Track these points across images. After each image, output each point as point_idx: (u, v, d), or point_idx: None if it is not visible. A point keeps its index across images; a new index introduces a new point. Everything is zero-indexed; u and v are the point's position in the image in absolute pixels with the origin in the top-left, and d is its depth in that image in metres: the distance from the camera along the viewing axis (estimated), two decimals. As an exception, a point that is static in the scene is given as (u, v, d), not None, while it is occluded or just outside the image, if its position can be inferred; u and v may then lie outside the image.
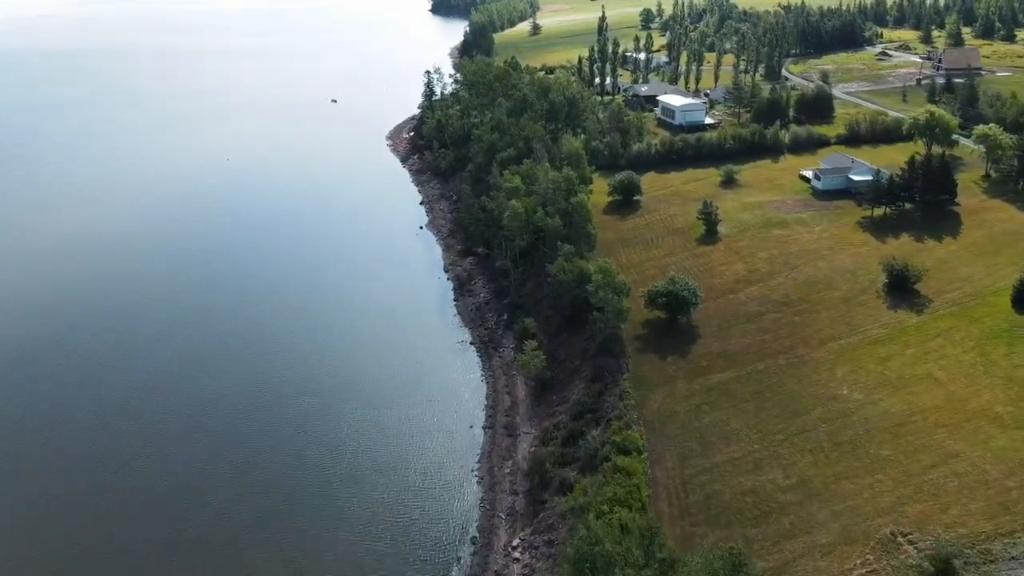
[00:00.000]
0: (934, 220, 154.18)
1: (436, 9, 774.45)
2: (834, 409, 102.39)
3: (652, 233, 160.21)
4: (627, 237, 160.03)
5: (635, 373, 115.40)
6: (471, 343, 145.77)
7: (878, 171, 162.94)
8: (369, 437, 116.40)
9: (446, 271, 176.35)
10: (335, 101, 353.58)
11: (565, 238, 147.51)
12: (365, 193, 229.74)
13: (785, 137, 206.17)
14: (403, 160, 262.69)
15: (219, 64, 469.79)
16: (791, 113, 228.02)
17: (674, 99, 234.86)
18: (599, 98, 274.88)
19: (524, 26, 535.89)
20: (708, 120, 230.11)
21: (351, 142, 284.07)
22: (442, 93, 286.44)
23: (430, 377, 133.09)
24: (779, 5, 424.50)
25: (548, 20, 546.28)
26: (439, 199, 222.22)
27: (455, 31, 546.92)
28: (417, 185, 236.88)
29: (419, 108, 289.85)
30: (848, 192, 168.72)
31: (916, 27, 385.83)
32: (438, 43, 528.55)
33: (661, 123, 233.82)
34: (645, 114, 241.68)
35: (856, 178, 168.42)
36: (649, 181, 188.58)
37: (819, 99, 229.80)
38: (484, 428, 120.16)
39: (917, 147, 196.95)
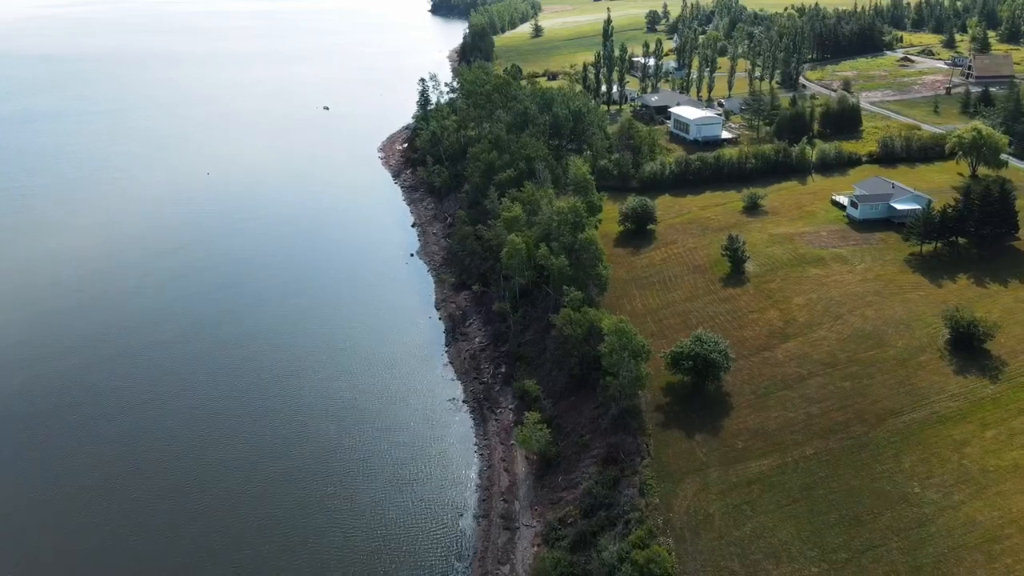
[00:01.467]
0: (994, 258, 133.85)
1: (436, 10, 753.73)
2: (907, 516, 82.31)
3: (670, 271, 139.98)
4: (641, 276, 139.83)
5: (657, 457, 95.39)
6: (463, 401, 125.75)
7: (929, 201, 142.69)
8: (339, 533, 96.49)
9: (438, 308, 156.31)
10: (327, 108, 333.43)
11: (572, 280, 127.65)
12: (352, 214, 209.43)
13: (812, 155, 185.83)
14: (395, 175, 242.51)
15: (211, 69, 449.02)
16: (815, 127, 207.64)
17: (688, 111, 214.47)
18: (605, 107, 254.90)
19: (525, 28, 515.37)
20: (725, 134, 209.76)
21: (341, 154, 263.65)
22: (438, 101, 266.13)
23: (416, 448, 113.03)
24: (792, 7, 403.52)
25: (550, 22, 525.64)
26: (432, 221, 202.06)
27: (455, 32, 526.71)
28: (409, 204, 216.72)
29: (413, 118, 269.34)
30: (890, 222, 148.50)
31: (936, 31, 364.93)
32: (437, 45, 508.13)
33: (674, 137, 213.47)
34: (656, 127, 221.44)
35: (899, 207, 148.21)
36: (664, 205, 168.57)
37: (845, 111, 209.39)
38: (477, 517, 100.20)
39: (960, 168, 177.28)
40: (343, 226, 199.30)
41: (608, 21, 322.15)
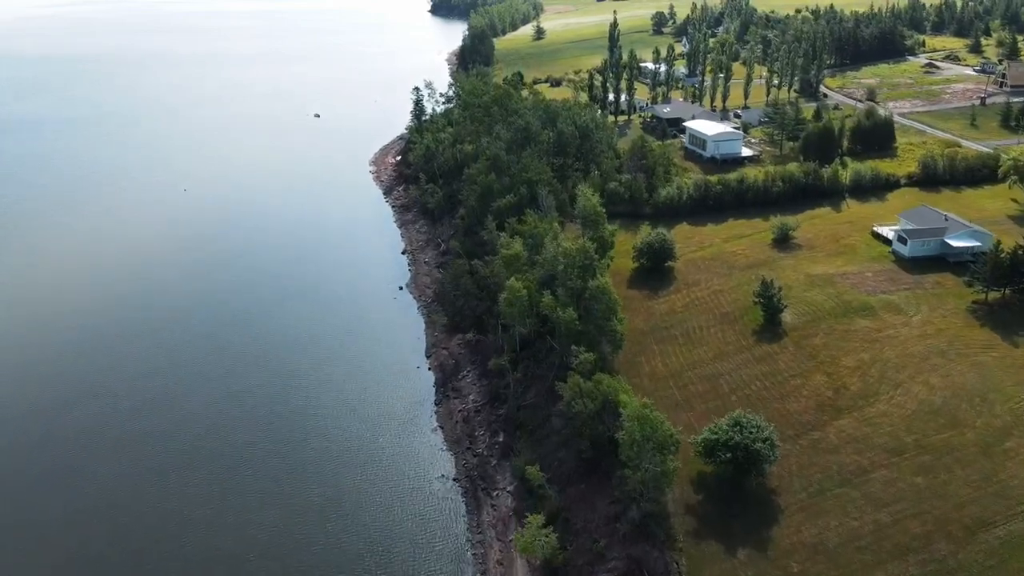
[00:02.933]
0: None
1: (436, 10, 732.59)
2: None
3: (694, 320, 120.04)
4: (661, 326, 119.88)
5: (692, 582, 75.79)
6: (454, 479, 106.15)
7: (995, 240, 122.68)
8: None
9: (428, 355, 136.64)
10: (318, 116, 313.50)
11: (581, 335, 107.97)
12: (338, 239, 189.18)
13: (845, 177, 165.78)
14: (387, 192, 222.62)
15: (205, 71, 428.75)
16: (844, 143, 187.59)
17: (705, 126, 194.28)
18: (613, 118, 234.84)
19: (527, 30, 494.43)
20: (746, 151, 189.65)
21: (329, 168, 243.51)
22: (433, 111, 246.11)
23: (397, 543, 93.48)
24: (806, 9, 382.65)
25: (552, 23, 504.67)
26: (425, 247, 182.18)
27: (454, 33, 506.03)
28: (400, 226, 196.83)
29: (407, 130, 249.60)
30: (944, 261, 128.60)
31: (958, 34, 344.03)
32: (436, 46, 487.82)
33: (688, 154, 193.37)
34: (669, 142, 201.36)
35: (956, 244, 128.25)
36: (682, 236, 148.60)
37: (877, 126, 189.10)
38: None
39: (1013, 193, 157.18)
40: (327, 253, 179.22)
41: (614, 24, 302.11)
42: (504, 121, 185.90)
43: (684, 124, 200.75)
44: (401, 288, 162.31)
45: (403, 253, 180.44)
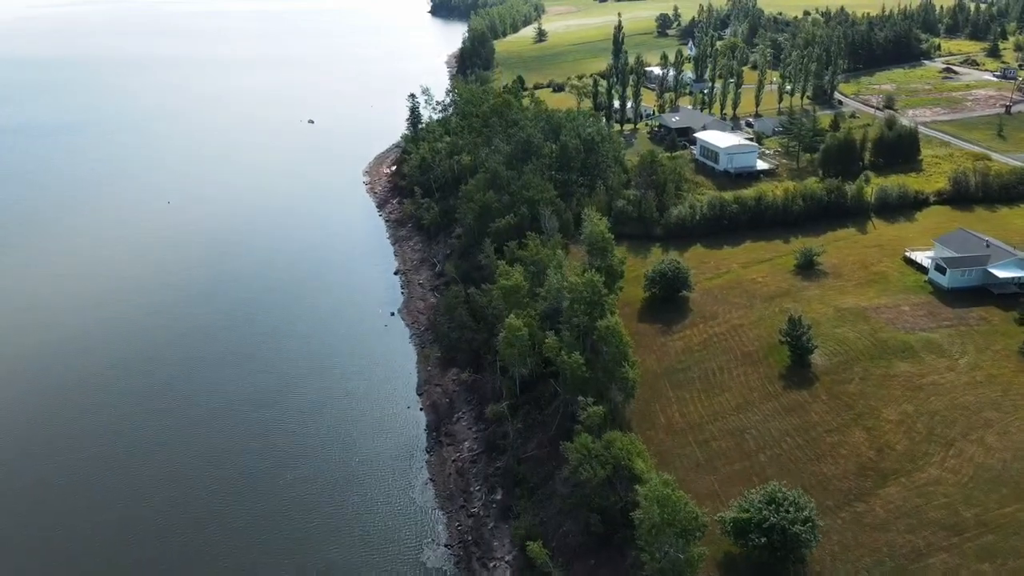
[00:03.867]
0: None
1: (436, 11, 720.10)
2: None
3: (713, 360, 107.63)
4: (676, 367, 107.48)
5: None
6: (446, 544, 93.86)
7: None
8: None
9: (420, 393, 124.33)
10: (312, 122, 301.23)
11: (588, 382, 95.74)
12: (329, 257, 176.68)
13: (870, 195, 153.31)
14: (380, 205, 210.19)
15: (199, 75, 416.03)
16: (866, 156, 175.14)
17: (717, 137, 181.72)
18: (618, 126, 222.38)
19: (528, 31, 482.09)
20: (761, 164, 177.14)
21: (321, 179, 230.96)
22: (430, 119, 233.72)
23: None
24: (815, 11, 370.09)
25: (554, 24, 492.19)
26: (419, 266, 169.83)
27: (454, 35, 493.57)
28: (394, 243, 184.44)
29: (402, 139, 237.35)
30: (987, 292, 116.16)
31: (973, 37, 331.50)
32: (435, 49, 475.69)
33: (700, 167, 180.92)
34: (679, 153, 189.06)
35: (1001, 274, 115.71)
36: (696, 260, 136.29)
37: (902, 138, 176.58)
38: None
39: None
40: (315, 275, 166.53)
41: (619, 28, 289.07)
42: (504, 132, 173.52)
43: (695, 135, 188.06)
44: (393, 314, 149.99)
45: (396, 273, 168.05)
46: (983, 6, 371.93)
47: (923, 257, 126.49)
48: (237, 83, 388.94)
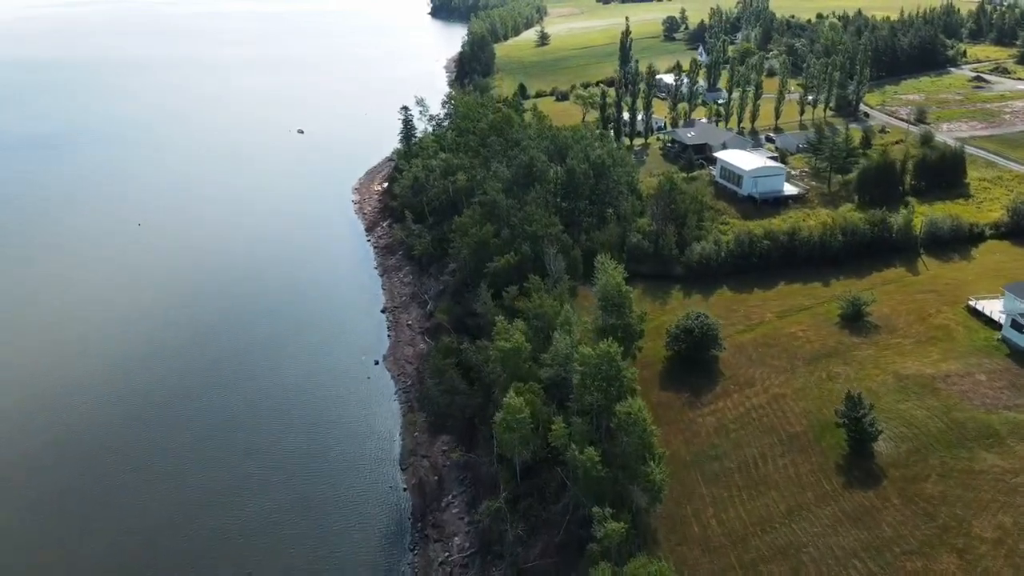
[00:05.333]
0: None
1: (436, 13, 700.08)
2: None
3: (753, 443, 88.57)
4: (709, 453, 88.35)
5: None
6: None
7: None
8: None
9: (404, 467, 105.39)
10: (301, 132, 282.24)
11: (604, 482, 76.85)
12: (307, 290, 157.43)
13: (918, 227, 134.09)
14: (369, 228, 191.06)
15: (192, 80, 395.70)
16: (907, 180, 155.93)
17: (739, 158, 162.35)
18: (628, 141, 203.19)
19: (530, 34, 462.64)
20: (789, 189, 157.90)
21: (307, 197, 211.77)
22: (425, 132, 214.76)
23: None
24: (832, 15, 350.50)
25: (557, 27, 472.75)
26: (409, 303, 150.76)
27: (454, 37, 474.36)
28: (382, 273, 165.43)
29: (393, 154, 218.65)
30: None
31: (999, 42, 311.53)
32: (434, 52, 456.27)
33: (720, 191, 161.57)
34: (697, 174, 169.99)
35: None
36: (723, 307, 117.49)
37: (946, 159, 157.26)
38: None
39: None
40: (293, 312, 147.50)
41: (626, 33, 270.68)
42: (504, 153, 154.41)
43: (715, 155, 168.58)
44: (377, 362, 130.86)
45: (383, 311, 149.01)
46: (999, 7, 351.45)
47: (993, 309, 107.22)
48: (228, 88, 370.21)
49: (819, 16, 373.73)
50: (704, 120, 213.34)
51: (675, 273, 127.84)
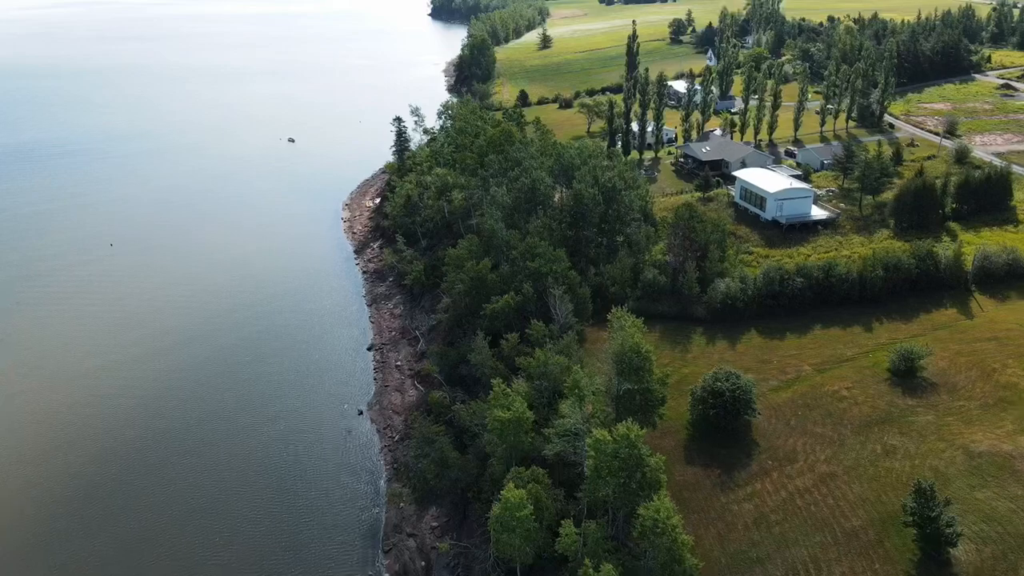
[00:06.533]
0: None
1: (436, 14, 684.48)
2: None
3: (801, 542, 72.88)
4: (747, 555, 72.61)
5: None
6: None
7: None
8: None
9: (385, 548, 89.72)
10: (292, 141, 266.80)
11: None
12: (290, 321, 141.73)
13: (969, 261, 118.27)
14: (359, 250, 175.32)
15: (187, 86, 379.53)
16: (948, 203, 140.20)
17: (761, 178, 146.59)
18: (637, 154, 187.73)
19: (532, 37, 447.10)
20: (817, 212, 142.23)
21: (293, 213, 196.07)
22: (421, 142, 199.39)
23: None
24: (847, 17, 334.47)
25: (559, 30, 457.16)
26: (399, 340, 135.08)
27: (454, 40, 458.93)
28: (371, 302, 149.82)
29: (386, 169, 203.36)
30: None
31: (1021, 47, 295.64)
32: (433, 56, 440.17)
33: (739, 213, 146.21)
34: (715, 193, 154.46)
35: None
36: (753, 356, 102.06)
37: (990, 180, 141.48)
38: None
39: None
40: (272, 349, 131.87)
41: (633, 37, 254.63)
42: (502, 174, 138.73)
43: (734, 175, 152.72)
44: (361, 412, 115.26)
45: (370, 349, 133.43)
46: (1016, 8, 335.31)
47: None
48: (218, 95, 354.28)
49: (830, 19, 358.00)
50: (718, 132, 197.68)
51: (696, 314, 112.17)
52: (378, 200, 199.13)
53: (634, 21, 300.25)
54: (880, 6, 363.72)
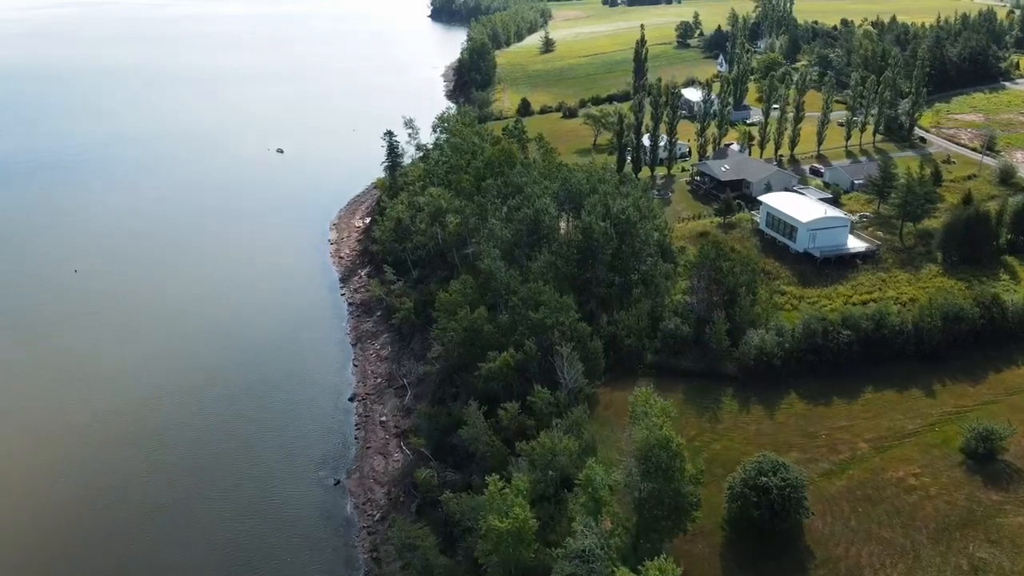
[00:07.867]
0: None
1: (436, 16, 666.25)
2: None
3: None
4: None
5: None
6: None
7: None
8: None
9: (359, 673, 73.66)
10: (281, 151, 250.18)
11: None
12: (264, 363, 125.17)
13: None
14: (345, 278, 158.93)
15: (177, 90, 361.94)
16: (1003, 234, 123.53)
17: (791, 204, 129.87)
18: (647, 171, 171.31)
19: (534, 40, 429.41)
20: (855, 243, 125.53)
21: (275, 236, 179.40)
22: (414, 157, 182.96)
23: None
24: (866, 21, 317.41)
25: (562, 32, 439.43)
26: (384, 389, 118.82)
27: (454, 42, 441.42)
28: (355, 342, 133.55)
29: (377, 186, 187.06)
30: None
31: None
32: (432, 59, 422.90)
33: (765, 243, 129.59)
34: (737, 218, 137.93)
35: None
36: (795, 427, 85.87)
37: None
38: None
39: None
40: (242, 398, 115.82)
41: (641, 42, 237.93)
42: (502, 201, 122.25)
43: (760, 199, 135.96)
44: (338, 482, 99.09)
45: (352, 399, 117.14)
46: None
47: None
48: (207, 100, 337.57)
49: (844, 22, 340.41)
50: (736, 147, 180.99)
51: (725, 371, 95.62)
52: (367, 220, 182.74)
53: (642, 25, 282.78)
54: (891, 8, 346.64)
